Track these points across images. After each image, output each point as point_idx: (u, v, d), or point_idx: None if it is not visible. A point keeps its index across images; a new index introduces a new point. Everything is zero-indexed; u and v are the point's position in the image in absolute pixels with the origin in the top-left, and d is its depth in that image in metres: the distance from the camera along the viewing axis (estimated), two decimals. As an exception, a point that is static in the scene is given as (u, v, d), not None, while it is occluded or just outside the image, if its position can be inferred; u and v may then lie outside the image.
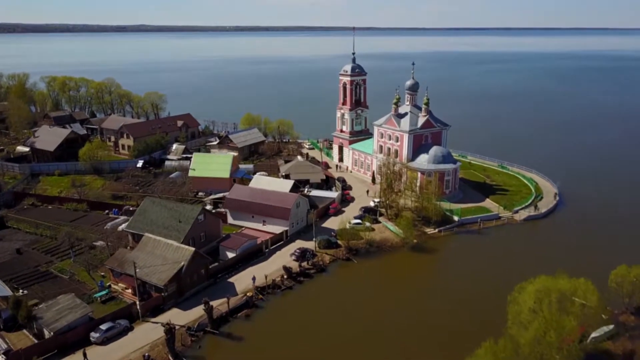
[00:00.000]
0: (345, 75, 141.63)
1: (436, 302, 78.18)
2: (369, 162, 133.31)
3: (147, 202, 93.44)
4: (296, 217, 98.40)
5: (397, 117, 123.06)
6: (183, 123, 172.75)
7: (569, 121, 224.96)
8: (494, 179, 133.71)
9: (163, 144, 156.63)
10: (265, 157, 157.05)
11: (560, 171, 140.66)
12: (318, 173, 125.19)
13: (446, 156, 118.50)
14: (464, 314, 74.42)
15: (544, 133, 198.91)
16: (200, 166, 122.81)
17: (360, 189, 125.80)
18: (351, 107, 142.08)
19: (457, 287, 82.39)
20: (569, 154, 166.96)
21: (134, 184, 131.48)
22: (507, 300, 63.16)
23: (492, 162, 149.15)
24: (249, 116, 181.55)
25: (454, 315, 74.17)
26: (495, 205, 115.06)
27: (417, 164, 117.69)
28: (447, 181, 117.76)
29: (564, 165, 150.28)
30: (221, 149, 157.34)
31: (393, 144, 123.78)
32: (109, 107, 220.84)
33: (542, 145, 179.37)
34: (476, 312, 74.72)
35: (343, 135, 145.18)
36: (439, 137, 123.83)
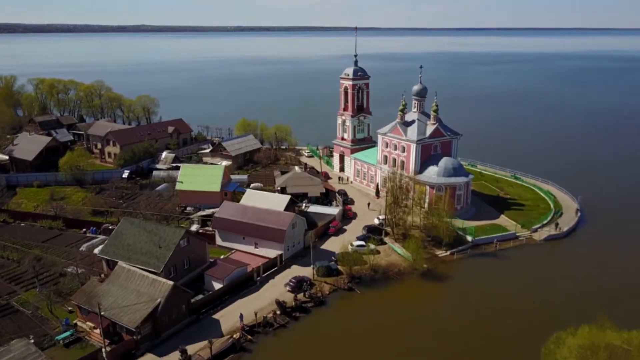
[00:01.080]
0: (346, 79, 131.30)
1: (451, 342, 67.78)
2: (373, 174, 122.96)
3: (125, 223, 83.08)
4: (292, 239, 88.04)
5: (403, 125, 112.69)
6: (174, 129, 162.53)
7: (583, 126, 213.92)
8: (508, 192, 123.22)
9: (152, 152, 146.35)
10: (261, 165, 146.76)
11: (579, 182, 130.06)
12: (317, 186, 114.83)
13: (457, 168, 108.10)
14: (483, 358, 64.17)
15: (558, 139, 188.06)
16: (189, 179, 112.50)
17: (363, 203, 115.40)
18: (353, 113, 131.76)
19: (474, 324, 71.98)
20: (586, 162, 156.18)
21: (117, 197, 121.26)
22: (541, 352, 52.94)
23: (505, 172, 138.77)
24: (244, 122, 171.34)
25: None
26: (511, 222, 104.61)
27: (425, 177, 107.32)
28: (459, 196, 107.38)
29: (582, 176, 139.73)
30: (214, 157, 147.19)
31: (399, 154, 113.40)
32: (99, 111, 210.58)
33: (557, 152, 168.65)
34: (498, 358, 64.40)
35: (344, 143, 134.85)
36: (449, 147, 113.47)
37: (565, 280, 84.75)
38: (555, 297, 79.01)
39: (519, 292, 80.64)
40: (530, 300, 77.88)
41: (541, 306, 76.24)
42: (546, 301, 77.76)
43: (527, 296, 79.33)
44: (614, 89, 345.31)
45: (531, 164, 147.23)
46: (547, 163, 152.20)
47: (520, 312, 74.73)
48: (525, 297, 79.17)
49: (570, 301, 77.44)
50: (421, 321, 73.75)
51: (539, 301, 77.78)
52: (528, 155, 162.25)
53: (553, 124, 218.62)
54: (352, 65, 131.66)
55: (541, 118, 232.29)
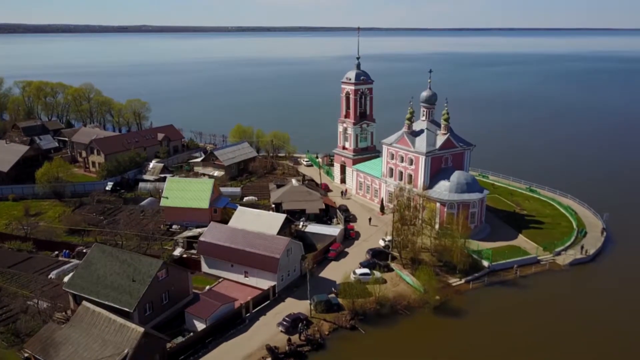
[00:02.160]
0: (348, 83, 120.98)
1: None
2: (377, 187, 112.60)
3: (96, 251, 72.79)
4: (287, 268, 77.74)
5: (410, 135, 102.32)
6: (164, 136, 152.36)
7: (599, 132, 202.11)
8: (525, 207, 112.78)
9: (139, 162, 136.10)
10: (257, 176, 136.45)
11: (601, 196, 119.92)
12: (316, 201, 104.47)
13: (471, 184, 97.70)
14: None
15: (573, 146, 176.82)
16: (174, 194, 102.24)
17: (367, 220, 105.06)
18: (355, 121, 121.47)
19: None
20: (606, 173, 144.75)
21: (98, 212, 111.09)
22: None
23: (519, 184, 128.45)
24: (239, 128, 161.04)
25: None
26: (531, 244, 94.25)
27: (436, 193, 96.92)
28: (473, 214, 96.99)
29: (603, 188, 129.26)
30: (205, 167, 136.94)
31: (406, 167, 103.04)
32: (87, 115, 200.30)
33: (574, 161, 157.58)
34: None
35: (345, 153, 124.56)
36: (461, 159, 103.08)
37: (596, 313, 74.49)
38: (587, 335, 68.83)
39: (544, 329, 70.33)
40: (558, 339, 67.65)
41: (572, 346, 65.99)
42: (577, 340, 67.57)
43: (555, 334, 69.05)
44: (625, 91, 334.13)
45: (547, 175, 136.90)
46: (564, 174, 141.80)
47: (548, 352, 64.51)
48: (553, 334, 68.88)
49: (604, 340, 67.24)
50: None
51: (569, 340, 67.58)
52: (543, 165, 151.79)
53: (566, 129, 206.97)
54: (354, 69, 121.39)
55: (553, 123, 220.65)
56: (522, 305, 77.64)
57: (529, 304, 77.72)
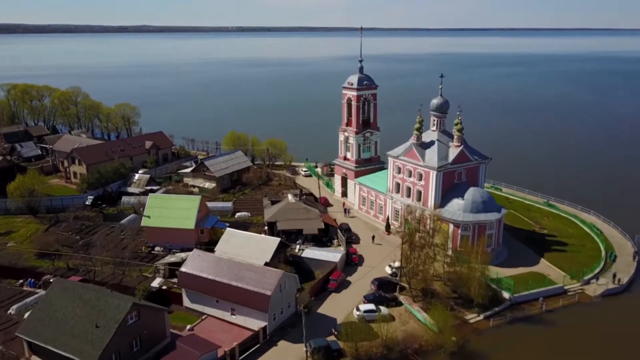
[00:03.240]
0: (350, 89, 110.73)
1: None
2: (382, 203, 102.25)
3: (56, 289, 62.50)
4: (280, 305, 67.41)
5: (420, 147, 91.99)
6: (152, 144, 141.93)
7: (617, 138, 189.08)
8: (545, 226, 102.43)
9: (123, 173, 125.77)
10: (251, 187, 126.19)
11: (628, 213, 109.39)
12: (314, 220, 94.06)
13: (487, 202, 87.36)
14: None
15: (591, 155, 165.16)
16: (157, 212, 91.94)
17: (370, 239, 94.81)
18: (358, 129, 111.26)
19: None
20: (631, 185, 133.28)
21: (75, 231, 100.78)
22: None
23: (535, 197, 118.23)
24: (233, 135, 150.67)
25: None
26: (556, 271, 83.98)
27: (449, 212, 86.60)
28: (490, 236, 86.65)
29: (629, 204, 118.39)
30: (195, 178, 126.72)
31: (415, 182, 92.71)
32: (75, 120, 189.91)
33: (594, 172, 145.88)
34: None
35: (347, 164, 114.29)
36: (476, 174, 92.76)
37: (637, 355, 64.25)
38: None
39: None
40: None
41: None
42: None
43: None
44: (637, 93, 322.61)
45: (565, 187, 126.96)
46: (584, 186, 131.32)
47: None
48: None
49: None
50: None
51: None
52: (560, 175, 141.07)
53: (581, 136, 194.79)
54: (356, 73, 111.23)
55: (566, 128, 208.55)
56: (550, 346, 67.30)
57: (559, 345, 67.38)
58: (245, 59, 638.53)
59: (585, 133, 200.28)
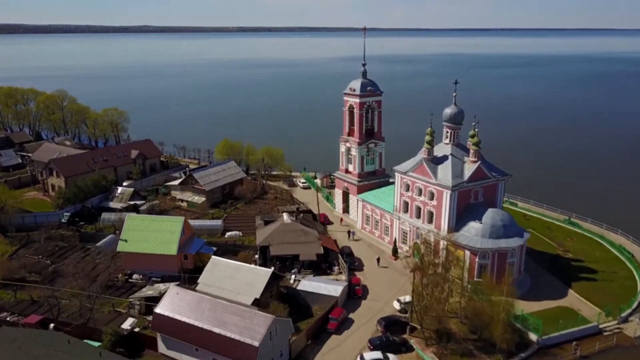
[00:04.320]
0: (352, 95, 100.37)
1: None
2: (388, 223, 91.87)
3: (1, 340, 52.20)
4: (270, 355, 57.01)
5: (431, 163, 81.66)
6: (138, 153, 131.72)
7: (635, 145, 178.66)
8: (569, 248, 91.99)
9: (105, 186, 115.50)
10: (244, 201, 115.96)
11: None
12: (312, 244, 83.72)
13: (508, 226, 77.03)
14: None
15: (613, 166, 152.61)
16: (135, 236, 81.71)
17: (375, 262, 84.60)
18: (360, 140, 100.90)
19: None
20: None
21: (46, 253, 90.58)
22: None
23: (554, 213, 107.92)
24: (226, 143, 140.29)
25: None
26: (588, 305, 73.58)
27: (465, 237, 76.28)
28: (511, 264, 76.36)
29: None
30: (184, 191, 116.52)
31: (425, 202, 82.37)
32: (61, 126, 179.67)
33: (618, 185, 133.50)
34: None
35: (349, 177, 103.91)
36: (494, 192, 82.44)
37: None
38: None
39: None
40: None
41: None
42: None
43: None
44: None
45: (587, 201, 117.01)
46: (608, 201, 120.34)
47: None
48: None
49: None
50: None
51: None
52: (580, 189, 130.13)
53: (602, 143, 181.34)
54: (359, 77, 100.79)
55: (584, 135, 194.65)
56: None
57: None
58: (245, 60, 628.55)
59: (605, 141, 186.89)
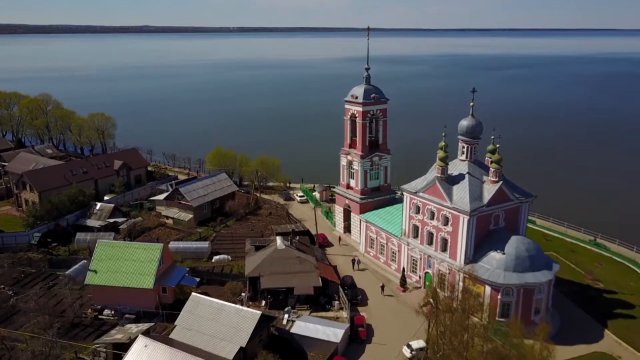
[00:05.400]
0: (354, 103, 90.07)
1: None
2: (395, 249, 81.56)
3: None
4: None
5: (446, 182, 71.36)
6: (122, 164, 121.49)
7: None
8: (598, 277, 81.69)
9: (82, 201, 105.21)
10: (235, 218, 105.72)
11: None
12: (309, 275, 73.41)
13: (535, 257, 66.75)
14: None
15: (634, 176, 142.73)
16: (107, 266, 71.48)
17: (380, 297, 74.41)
18: (364, 152, 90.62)
19: None
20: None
21: (11, 281, 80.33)
22: None
23: (576, 231, 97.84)
24: (218, 152, 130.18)
25: None
26: (629, 349, 63.39)
27: (485, 270, 66.00)
28: (538, 302, 66.12)
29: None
30: (169, 207, 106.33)
31: (438, 227, 72.08)
32: (45, 132, 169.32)
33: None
34: None
35: (350, 194, 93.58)
36: (516, 216, 72.30)
37: None
38: None
39: None
40: None
41: None
42: None
43: None
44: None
45: (613, 219, 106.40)
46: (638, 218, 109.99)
47: None
48: None
49: None
50: None
51: None
52: (605, 204, 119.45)
53: (625, 151, 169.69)
54: (362, 83, 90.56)
55: (604, 142, 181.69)
56: None
57: None
58: (244, 61, 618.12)
59: (630, 149, 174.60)
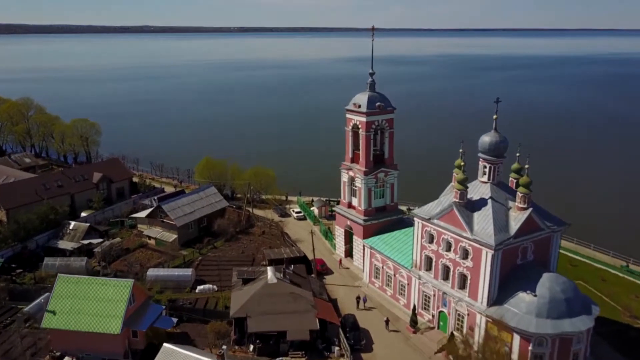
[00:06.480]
0: (356, 112, 79.52)
1: None
2: (404, 281, 70.98)
3: None
4: None
5: (465, 209, 60.79)
6: (102, 176, 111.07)
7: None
8: (637, 312, 71.16)
9: (56, 219, 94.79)
10: (225, 237, 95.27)
11: None
12: (305, 316, 62.94)
13: (573, 299, 56.27)
14: None
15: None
16: (68, 305, 61.03)
17: (388, 344, 64.00)
18: (367, 168, 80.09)
19: None
20: None
21: (-38, 318, 69.98)
22: None
23: (605, 255, 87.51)
24: (208, 162, 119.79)
25: None
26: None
27: (513, 316, 55.53)
28: (576, 353, 55.65)
29: None
30: (152, 226, 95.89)
31: (456, 261, 61.57)
32: (26, 138, 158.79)
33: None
34: None
35: (353, 214, 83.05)
36: (547, 248, 61.75)
37: None
38: None
39: None
40: None
41: None
42: None
43: None
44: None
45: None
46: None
47: None
48: None
49: None
50: None
51: None
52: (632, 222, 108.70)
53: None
54: (365, 90, 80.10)
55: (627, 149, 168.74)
56: None
57: None
58: (243, 61, 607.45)
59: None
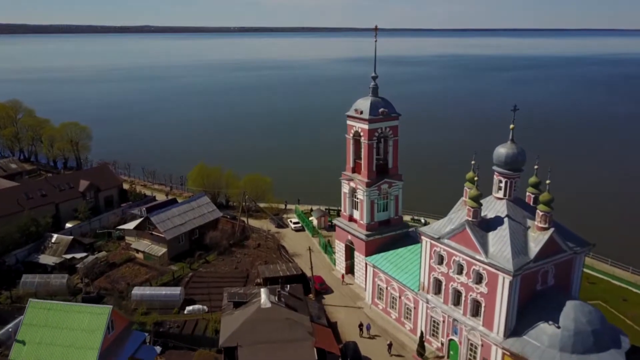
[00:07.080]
0: (358, 119, 73.58)
1: None
2: (410, 305, 64.99)
3: None
4: None
5: (479, 229, 54.86)
6: (89, 184, 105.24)
7: None
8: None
9: (37, 232, 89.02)
10: (218, 251, 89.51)
11: None
12: (302, 344, 57.08)
13: (600, 331, 50.37)
14: None
15: None
16: (38, 335, 55.10)
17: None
18: (370, 179, 74.13)
19: None
20: None
21: None
22: None
23: (623, 270, 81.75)
24: (202, 170, 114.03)
25: None
26: None
27: (533, 349, 49.63)
28: (605, 391, 49.79)
29: None
30: (140, 239, 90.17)
31: (469, 286, 55.63)
32: (15, 143, 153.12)
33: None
34: None
35: (354, 228, 77.12)
36: (569, 271, 55.83)
37: None
38: None
39: None
40: None
41: None
42: None
43: None
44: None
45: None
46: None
47: None
48: None
49: None
50: None
51: None
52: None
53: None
54: (368, 95, 74.26)
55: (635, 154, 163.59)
56: None
57: None
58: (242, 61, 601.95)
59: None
